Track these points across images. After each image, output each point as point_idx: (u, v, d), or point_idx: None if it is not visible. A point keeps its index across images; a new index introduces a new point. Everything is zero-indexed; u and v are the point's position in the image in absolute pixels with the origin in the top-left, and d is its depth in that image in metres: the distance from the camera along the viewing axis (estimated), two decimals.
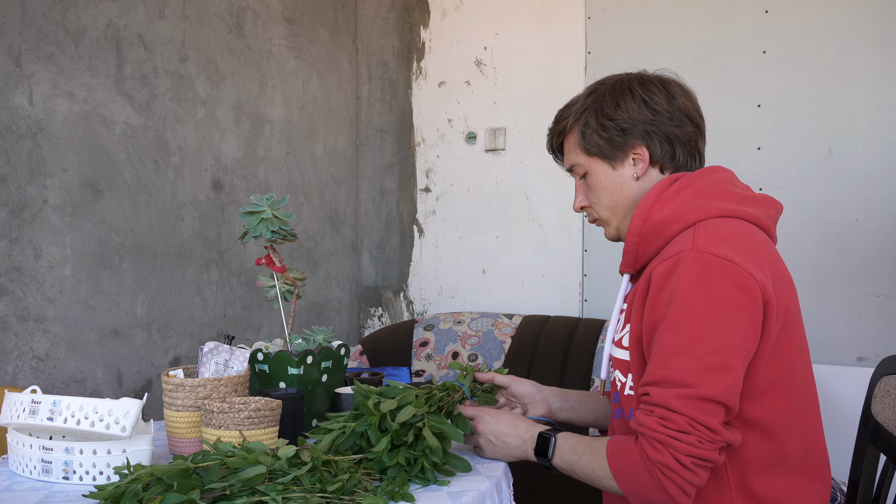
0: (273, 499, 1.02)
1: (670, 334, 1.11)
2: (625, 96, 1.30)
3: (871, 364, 2.34)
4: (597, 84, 1.36)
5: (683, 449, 1.08)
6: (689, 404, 1.08)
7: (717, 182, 1.26)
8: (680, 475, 1.08)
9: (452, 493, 1.17)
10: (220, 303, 2.59)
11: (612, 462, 1.15)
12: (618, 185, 1.33)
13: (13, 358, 1.96)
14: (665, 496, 1.10)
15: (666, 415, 1.09)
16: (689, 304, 1.11)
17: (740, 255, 1.13)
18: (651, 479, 1.10)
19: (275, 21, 2.83)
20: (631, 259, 1.30)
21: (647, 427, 1.11)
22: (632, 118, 1.29)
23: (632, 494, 1.14)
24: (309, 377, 1.50)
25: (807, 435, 1.23)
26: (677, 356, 1.10)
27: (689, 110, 1.31)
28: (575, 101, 1.37)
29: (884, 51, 2.36)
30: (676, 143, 1.30)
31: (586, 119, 1.32)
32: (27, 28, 1.98)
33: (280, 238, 1.52)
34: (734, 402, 1.10)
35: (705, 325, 1.10)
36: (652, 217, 1.24)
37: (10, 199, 1.95)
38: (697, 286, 1.11)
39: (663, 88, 1.31)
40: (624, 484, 1.14)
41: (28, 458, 1.22)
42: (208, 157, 2.54)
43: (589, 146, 1.32)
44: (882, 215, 2.36)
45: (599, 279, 2.84)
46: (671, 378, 1.10)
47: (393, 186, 3.27)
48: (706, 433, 1.08)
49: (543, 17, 2.93)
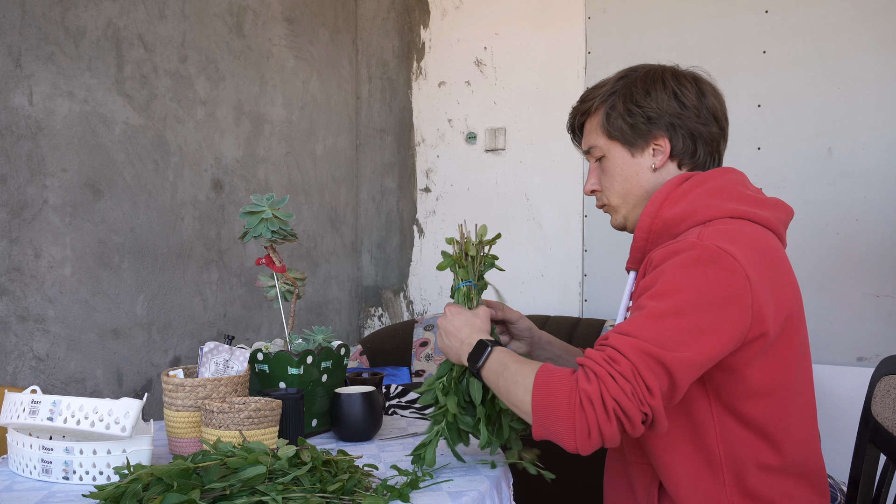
0: (273, 499, 1.02)
1: (651, 300, 1.10)
2: (656, 86, 1.28)
3: (871, 364, 2.34)
4: (629, 70, 1.34)
5: (613, 390, 1.04)
6: (640, 357, 1.05)
7: (728, 183, 1.26)
8: (595, 413, 1.04)
9: (452, 494, 1.17)
10: (220, 303, 2.59)
11: (540, 376, 1.11)
12: (634, 173, 1.31)
13: (13, 358, 1.96)
14: (569, 428, 1.05)
15: (614, 355, 1.06)
16: (679, 280, 1.10)
17: (743, 256, 1.12)
18: (567, 404, 1.06)
19: (275, 21, 2.83)
20: (638, 255, 1.29)
21: (591, 359, 1.08)
22: (660, 108, 1.27)
23: (538, 414, 1.09)
24: (309, 377, 1.50)
25: (804, 441, 1.22)
26: (649, 319, 1.08)
27: (716, 111, 1.31)
28: (604, 83, 1.34)
29: (884, 51, 2.36)
30: (699, 140, 1.29)
31: (613, 102, 1.30)
32: (27, 28, 1.98)
33: (280, 238, 1.52)
34: (682, 380, 1.07)
35: (688, 303, 1.08)
36: (662, 214, 1.23)
37: (10, 199, 1.95)
38: (692, 266, 1.11)
39: (695, 85, 1.30)
40: (538, 400, 1.09)
41: (28, 458, 1.22)
42: (208, 157, 2.54)
43: (612, 129, 1.30)
44: (882, 215, 2.36)
45: (599, 279, 2.84)
46: (634, 332, 1.08)
47: (393, 186, 3.27)
48: (642, 389, 1.04)
49: (543, 17, 2.93)
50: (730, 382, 1.16)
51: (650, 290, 1.12)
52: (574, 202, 2.88)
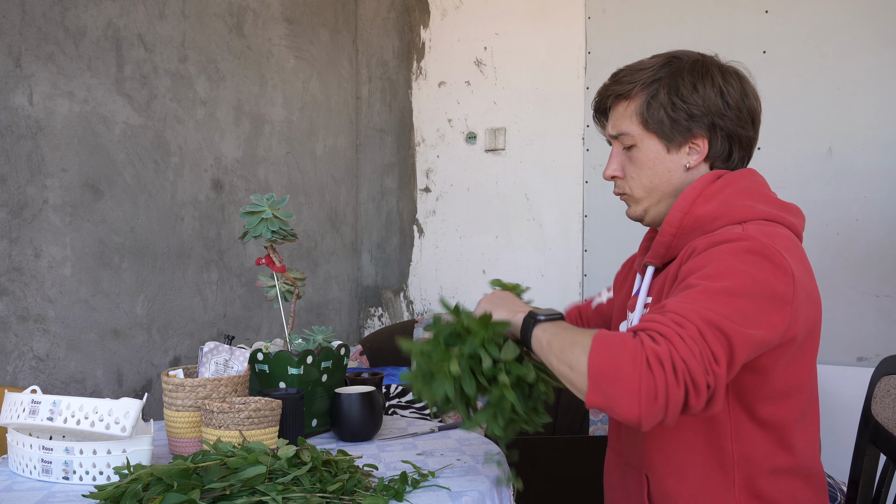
0: (273, 499, 1.02)
1: (702, 280, 1.04)
2: (705, 80, 1.21)
3: (871, 364, 2.34)
4: (671, 57, 1.25)
5: (683, 351, 0.95)
6: (704, 324, 0.98)
7: (758, 184, 1.23)
8: (665, 374, 0.93)
9: (452, 494, 1.17)
10: (220, 303, 2.59)
11: (598, 339, 0.99)
12: (666, 170, 1.25)
13: (13, 358, 1.96)
14: (634, 390, 0.93)
15: (679, 320, 0.98)
16: (731, 266, 1.06)
17: (789, 256, 1.10)
18: (633, 364, 0.94)
19: (275, 21, 2.83)
20: (662, 251, 1.23)
21: (656, 321, 0.99)
22: (706, 105, 1.21)
23: (596, 375, 0.96)
24: (309, 377, 1.50)
25: (809, 441, 1.22)
26: (704, 294, 1.02)
27: (755, 113, 1.26)
28: (643, 66, 1.25)
29: (884, 51, 2.36)
30: (735, 143, 1.24)
31: (656, 90, 1.22)
32: (27, 28, 1.98)
33: (280, 238, 1.52)
34: (740, 354, 1.00)
35: (740, 287, 1.03)
36: (695, 210, 1.19)
37: (10, 199, 1.95)
38: (745, 254, 1.07)
39: (740, 84, 1.24)
40: (597, 359, 0.96)
41: (28, 458, 1.22)
42: (208, 157, 2.54)
43: (650, 120, 1.22)
44: (882, 215, 2.36)
45: (599, 279, 2.84)
46: (693, 304, 1.01)
47: (393, 186, 3.27)
48: (708, 354, 0.97)
49: (543, 17, 2.93)
50: (755, 384, 1.14)
51: (699, 272, 1.07)
52: (574, 202, 2.88)
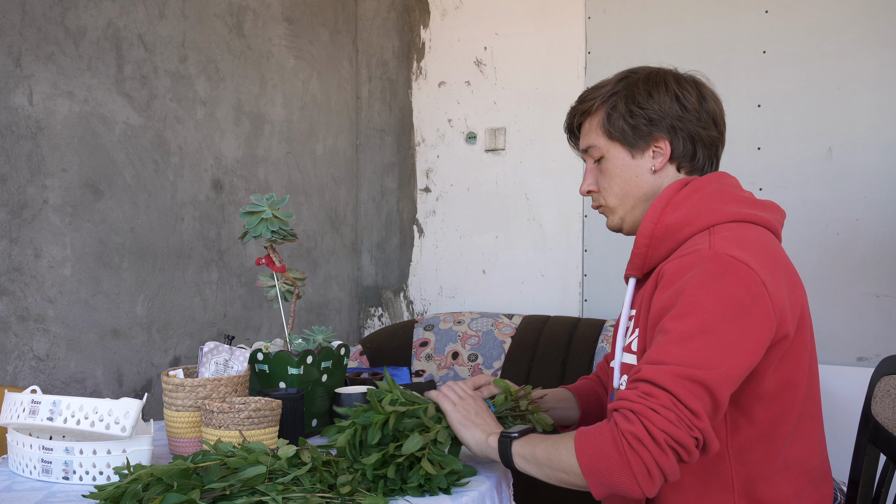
0: (273, 499, 1.02)
1: (675, 322, 1.09)
2: (658, 88, 1.29)
3: (871, 364, 2.34)
4: (629, 71, 1.34)
5: (658, 422, 1.01)
6: (678, 382, 1.04)
7: (726, 186, 1.26)
8: (649, 451, 1.01)
9: (453, 494, 1.16)
10: (220, 303, 2.59)
11: (579, 438, 1.08)
12: (633, 175, 1.31)
13: (13, 358, 1.96)
14: (628, 474, 1.02)
15: (649, 389, 1.05)
16: (700, 298, 1.09)
17: (756, 262, 1.12)
18: (617, 452, 1.03)
19: (275, 21, 2.83)
20: (639, 262, 1.28)
21: (626, 399, 1.06)
22: (662, 110, 1.28)
23: (590, 471, 1.05)
24: (309, 377, 1.50)
25: (809, 439, 1.22)
26: (678, 342, 1.07)
27: (716, 115, 1.32)
28: (604, 84, 1.34)
29: (884, 51, 2.36)
30: (699, 144, 1.30)
31: (615, 102, 1.30)
32: (27, 28, 1.98)
33: (280, 238, 1.52)
34: (723, 396, 1.06)
35: (713, 320, 1.08)
36: (664, 219, 1.23)
37: (10, 199, 1.95)
38: (711, 282, 1.10)
39: (696, 89, 1.31)
40: (585, 457, 1.05)
41: (28, 458, 1.22)
42: (208, 157, 2.54)
43: (612, 130, 1.30)
44: (882, 215, 2.36)
45: (599, 279, 2.84)
46: (667, 359, 1.07)
47: (393, 186, 3.27)
48: (686, 414, 1.02)
49: (543, 17, 2.93)
50: (749, 386, 1.15)
51: (672, 311, 1.11)
52: (574, 202, 2.88)
